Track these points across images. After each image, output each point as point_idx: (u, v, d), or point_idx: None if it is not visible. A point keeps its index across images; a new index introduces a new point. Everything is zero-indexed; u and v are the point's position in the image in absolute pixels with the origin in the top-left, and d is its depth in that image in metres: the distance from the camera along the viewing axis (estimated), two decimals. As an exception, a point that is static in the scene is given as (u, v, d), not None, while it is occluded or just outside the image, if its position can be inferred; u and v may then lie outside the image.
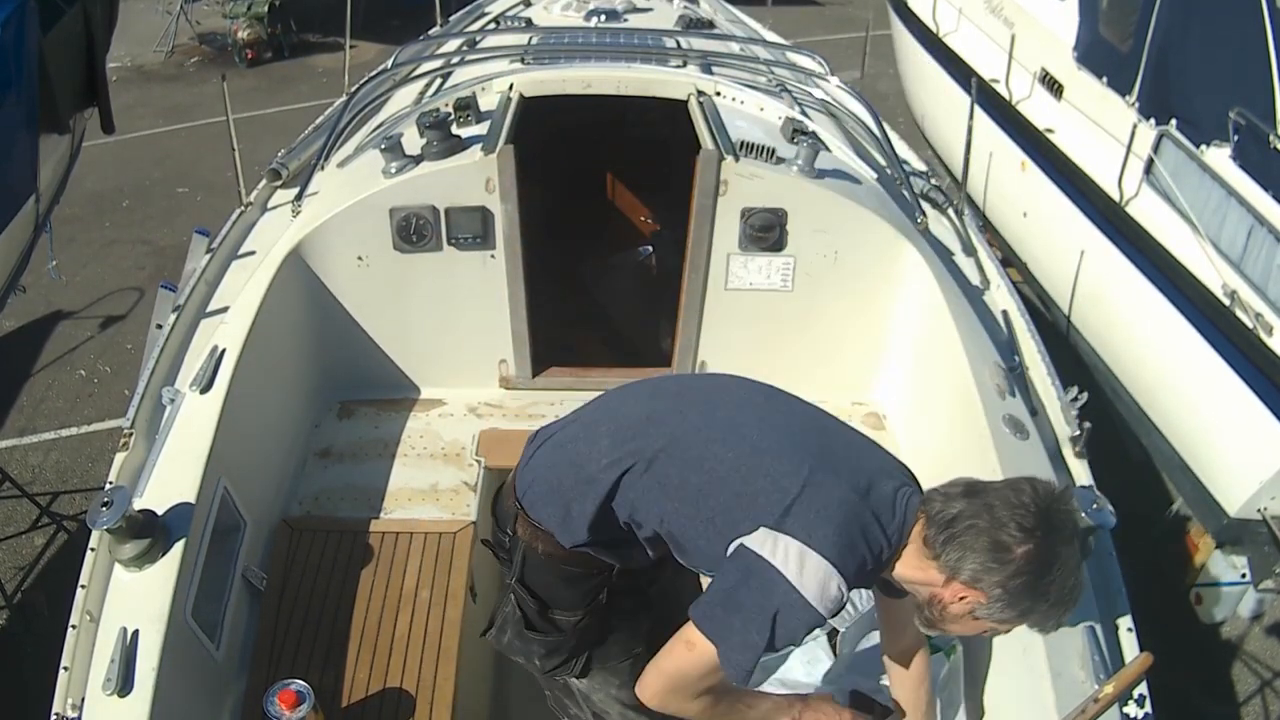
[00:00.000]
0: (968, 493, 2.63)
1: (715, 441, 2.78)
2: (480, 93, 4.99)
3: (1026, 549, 2.46)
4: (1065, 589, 2.52)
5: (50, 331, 8.85)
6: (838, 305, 4.67)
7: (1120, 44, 6.84)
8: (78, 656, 3.11)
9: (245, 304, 4.27)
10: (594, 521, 2.84)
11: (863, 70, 9.71)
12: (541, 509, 2.94)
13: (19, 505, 6.65)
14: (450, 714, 3.51)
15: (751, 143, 4.42)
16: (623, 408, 3.01)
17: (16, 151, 5.46)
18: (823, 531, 2.55)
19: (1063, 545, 2.50)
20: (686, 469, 2.76)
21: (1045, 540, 2.47)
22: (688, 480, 2.75)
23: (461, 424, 4.75)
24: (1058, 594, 2.52)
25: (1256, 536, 5.57)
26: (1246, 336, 5.35)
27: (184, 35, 16.73)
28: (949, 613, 2.64)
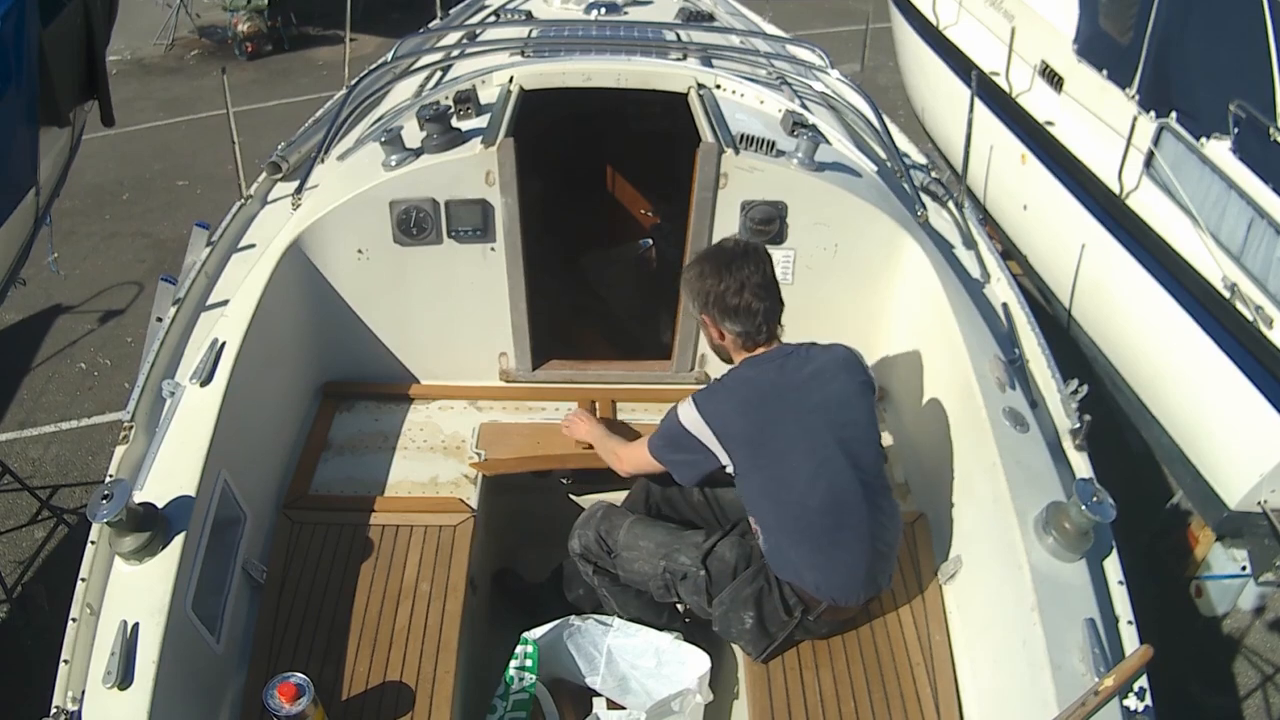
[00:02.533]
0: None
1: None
2: (480, 86, 4.99)
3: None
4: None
5: (50, 324, 8.85)
6: (838, 298, 4.67)
7: (1120, 36, 6.84)
8: (78, 649, 3.12)
9: (245, 297, 4.27)
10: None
11: (863, 63, 9.73)
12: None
13: (19, 498, 6.66)
14: (450, 707, 3.52)
15: (751, 135, 4.42)
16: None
17: (16, 144, 5.45)
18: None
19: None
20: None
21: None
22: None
23: (462, 417, 4.75)
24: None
25: (1256, 529, 5.58)
26: (1247, 329, 5.35)
27: (184, 28, 16.72)
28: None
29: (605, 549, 4.00)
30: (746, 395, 3.62)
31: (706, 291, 3.64)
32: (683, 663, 3.94)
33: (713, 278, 3.62)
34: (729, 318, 3.62)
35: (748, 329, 3.64)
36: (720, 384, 3.72)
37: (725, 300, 3.59)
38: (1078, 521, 3.35)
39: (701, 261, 3.70)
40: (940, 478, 4.11)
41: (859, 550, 3.59)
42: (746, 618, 3.70)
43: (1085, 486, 3.40)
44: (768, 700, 3.64)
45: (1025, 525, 3.46)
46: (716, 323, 3.68)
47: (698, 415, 3.63)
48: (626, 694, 4.02)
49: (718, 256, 3.67)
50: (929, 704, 3.59)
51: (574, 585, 4.44)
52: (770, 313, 3.65)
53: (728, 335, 3.70)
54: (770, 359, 3.68)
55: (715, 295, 3.61)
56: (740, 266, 3.60)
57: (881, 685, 3.67)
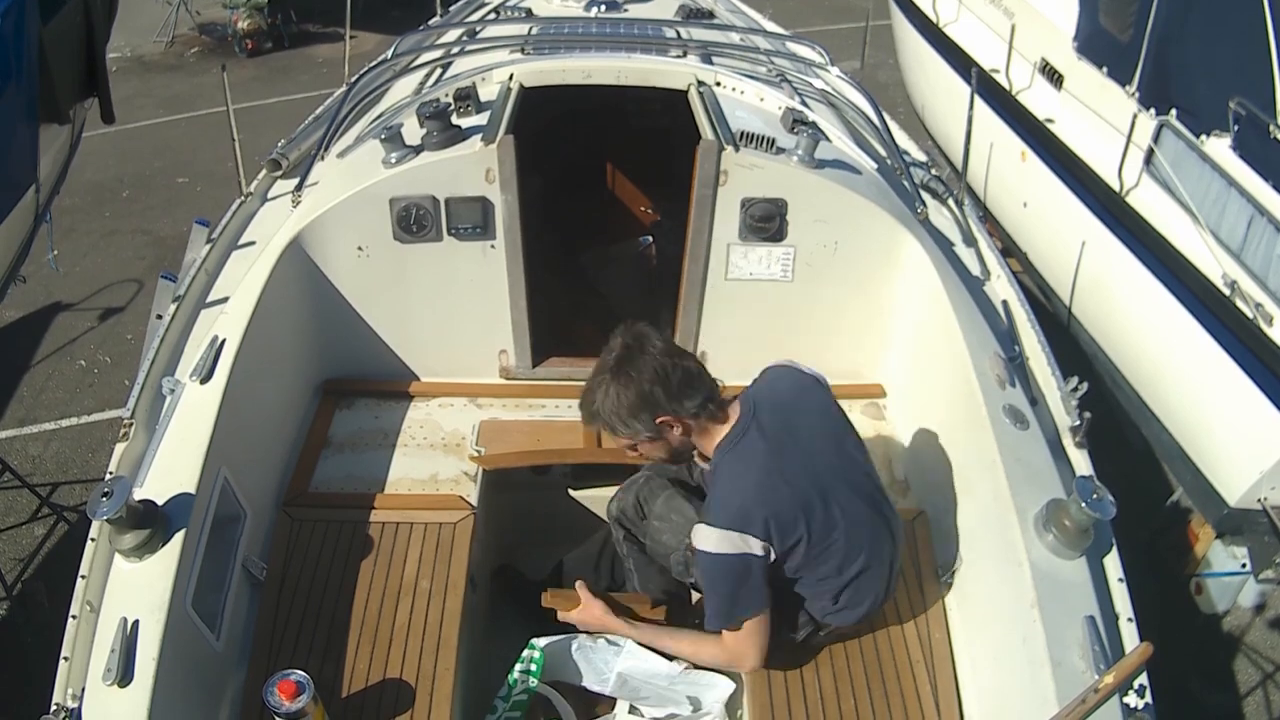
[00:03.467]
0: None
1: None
2: (480, 83, 4.99)
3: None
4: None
5: (50, 322, 8.86)
6: (838, 296, 4.67)
7: (1120, 34, 6.84)
8: (78, 647, 3.12)
9: (245, 294, 4.27)
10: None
11: (863, 60, 9.73)
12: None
13: (19, 496, 6.67)
14: (450, 704, 3.52)
15: (751, 133, 4.42)
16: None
17: (16, 142, 5.46)
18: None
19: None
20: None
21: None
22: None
23: (461, 414, 4.75)
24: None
25: (1257, 526, 5.58)
26: (1247, 326, 5.35)
27: (184, 25, 16.70)
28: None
29: (640, 514, 3.98)
30: (756, 482, 3.34)
31: (645, 394, 3.32)
32: (697, 683, 3.94)
33: (636, 380, 3.32)
34: (685, 396, 3.33)
35: (709, 393, 3.39)
36: (719, 493, 3.40)
37: (667, 383, 3.31)
38: (1078, 519, 3.35)
39: (603, 384, 3.38)
40: (940, 475, 4.10)
41: (879, 578, 3.58)
42: None
43: (1085, 484, 3.40)
44: (767, 697, 3.63)
45: (1025, 523, 3.46)
46: (676, 416, 3.35)
47: (723, 533, 3.28)
48: (639, 703, 4.02)
49: (617, 365, 3.37)
50: (929, 701, 3.59)
51: (575, 581, 4.44)
52: (698, 365, 3.43)
53: (693, 422, 3.40)
54: (741, 428, 3.42)
55: (653, 389, 3.31)
56: (641, 350, 3.34)
57: (881, 683, 3.67)
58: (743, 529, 3.27)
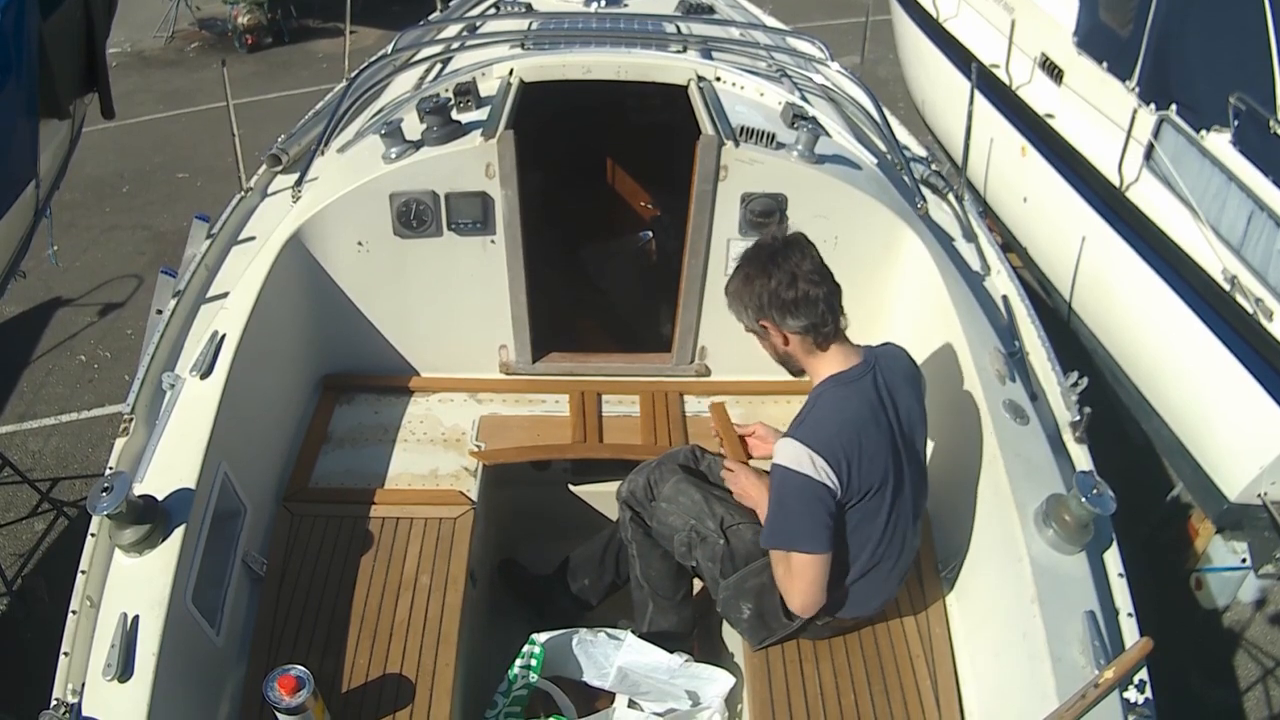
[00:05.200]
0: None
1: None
2: (480, 78, 4.98)
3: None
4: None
5: (50, 317, 8.86)
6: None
7: (1120, 29, 6.83)
8: (78, 642, 3.12)
9: (245, 289, 4.27)
10: None
11: (863, 55, 9.70)
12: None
13: (19, 491, 6.68)
14: (450, 699, 3.52)
15: (751, 128, 4.41)
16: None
17: (17, 137, 5.46)
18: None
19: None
20: None
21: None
22: None
23: (462, 409, 4.75)
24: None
25: (1256, 521, 5.59)
26: (1247, 321, 5.35)
27: (184, 20, 16.68)
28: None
29: (650, 496, 3.99)
30: (854, 422, 3.37)
31: (757, 294, 3.40)
32: (697, 676, 3.94)
33: (760, 278, 3.39)
34: (789, 314, 3.36)
35: (812, 320, 3.37)
36: (819, 414, 3.42)
37: (780, 296, 3.35)
38: (1078, 514, 3.35)
39: (743, 265, 3.49)
40: (940, 470, 4.10)
41: (894, 575, 3.62)
42: (745, 608, 3.73)
43: (1085, 479, 3.40)
44: (767, 693, 3.64)
45: (1025, 518, 3.46)
46: (777, 325, 3.41)
47: (809, 453, 3.30)
48: (638, 698, 4.02)
49: (759, 255, 3.44)
50: (929, 696, 3.59)
51: (579, 576, 4.46)
52: (831, 299, 3.39)
53: (793, 338, 3.44)
54: (858, 375, 3.45)
55: (768, 294, 3.37)
56: (786, 258, 3.37)
57: (881, 678, 3.67)
58: (825, 454, 3.30)
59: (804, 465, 3.30)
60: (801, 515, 3.37)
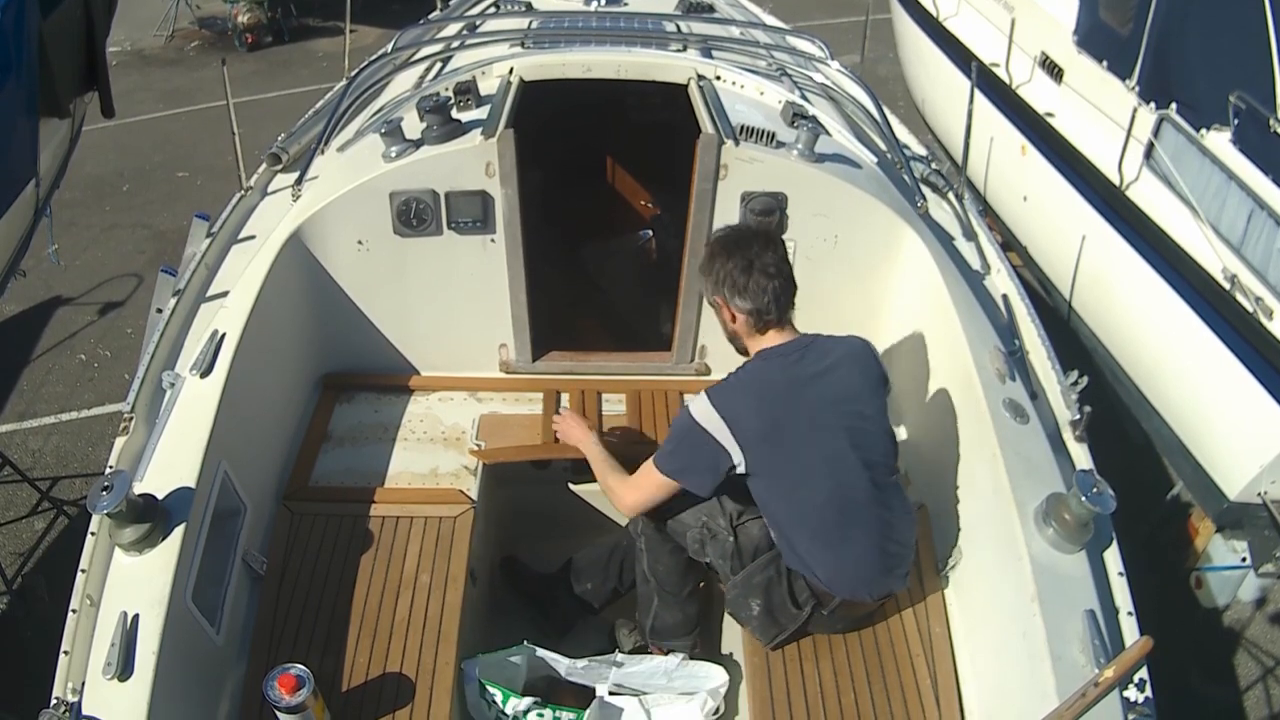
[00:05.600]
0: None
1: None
2: (480, 77, 4.98)
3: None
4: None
5: (50, 316, 8.86)
6: (838, 289, 4.66)
7: (1120, 28, 6.83)
8: (78, 641, 3.12)
9: (245, 288, 4.27)
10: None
11: (863, 54, 9.68)
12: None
13: (19, 490, 6.67)
14: (450, 698, 3.53)
15: (751, 127, 4.41)
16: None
17: (17, 136, 5.45)
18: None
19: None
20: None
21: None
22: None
23: (462, 408, 4.75)
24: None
25: (1257, 520, 5.59)
26: (1247, 320, 5.35)
27: (184, 19, 16.68)
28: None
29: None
30: (761, 390, 3.59)
31: (716, 271, 3.65)
32: (694, 675, 3.95)
33: (722, 256, 3.65)
34: (738, 295, 3.60)
35: (757, 306, 3.59)
36: (735, 378, 3.65)
37: (734, 277, 3.59)
38: (1078, 513, 3.35)
39: (713, 244, 3.75)
40: (940, 469, 4.11)
41: (869, 548, 3.59)
42: (754, 604, 3.73)
43: (1085, 478, 3.40)
44: (768, 691, 3.64)
45: (1025, 516, 3.46)
46: (727, 302, 3.65)
47: (711, 409, 3.54)
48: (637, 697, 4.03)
49: (729, 237, 3.72)
50: (929, 695, 3.59)
51: (584, 579, 4.46)
52: (781, 292, 3.60)
53: (739, 316, 3.65)
54: (785, 351, 3.64)
55: (725, 273, 3.62)
56: (749, 245, 3.63)
57: (881, 676, 3.68)
58: (723, 412, 3.54)
59: (706, 419, 3.55)
60: (691, 455, 3.63)
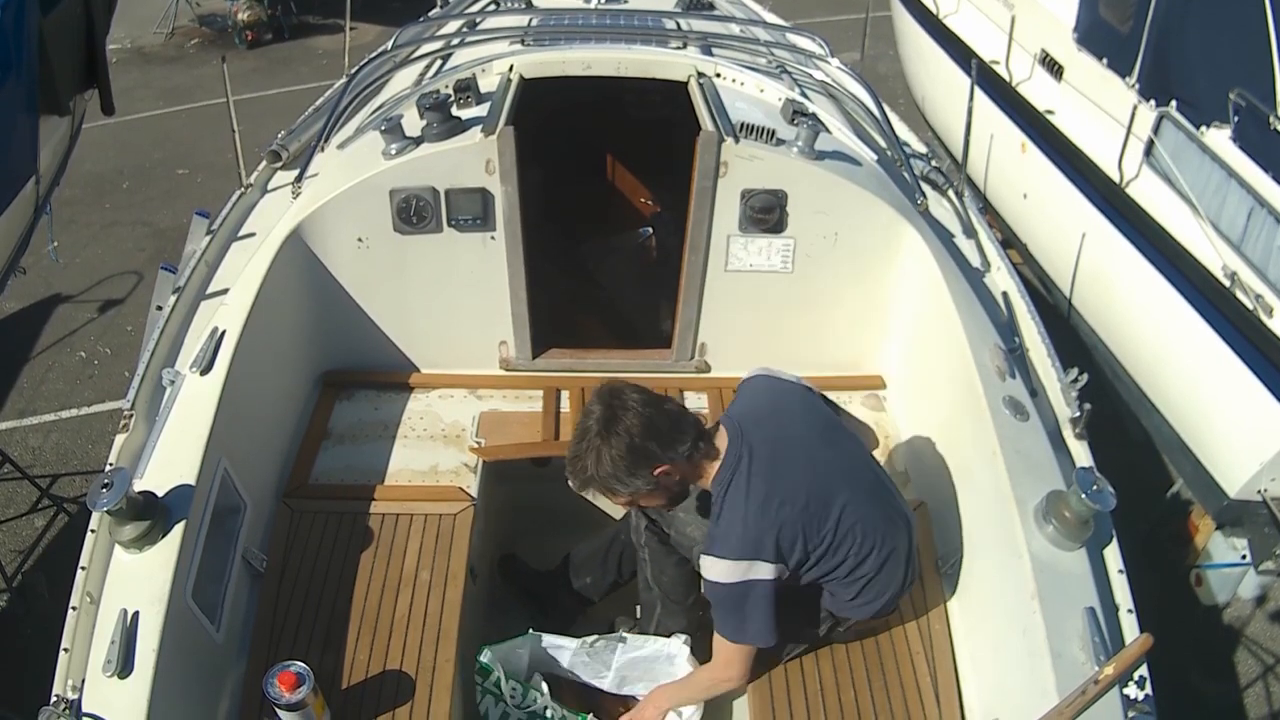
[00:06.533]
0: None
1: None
2: (480, 74, 4.98)
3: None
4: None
5: (50, 313, 8.86)
6: (838, 287, 4.67)
7: (1120, 25, 6.82)
8: (78, 638, 3.12)
9: (245, 285, 4.27)
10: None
11: (863, 52, 9.69)
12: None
13: (19, 487, 6.67)
14: (450, 695, 3.53)
15: (751, 124, 4.41)
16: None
17: (16, 133, 5.46)
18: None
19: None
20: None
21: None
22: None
23: (462, 405, 4.75)
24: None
25: (1257, 518, 5.59)
26: (1247, 318, 5.35)
27: (184, 17, 16.66)
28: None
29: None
30: (759, 504, 3.32)
31: (635, 450, 3.25)
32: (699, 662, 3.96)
33: (620, 438, 3.25)
34: (676, 442, 3.28)
35: (697, 432, 3.36)
36: (725, 521, 3.35)
37: (660, 434, 3.27)
38: (1078, 510, 3.35)
39: (596, 449, 3.28)
40: (940, 466, 4.11)
41: (898, 567, 3.57)
42: None
43: (1085, 475, 3.40)
44: (768, 689, 3.65)
45: (1025, 514, 3.47)
46: (673, 463, 3.31)
47: (729, 562, 3.30)
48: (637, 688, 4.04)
49: (601, 428, 3.27)
50: (929, 692, 3.60)
51: (582, 574, 4.46)
52: (679, 406, 3.44)
53: (687, 464, 3.37)
54: (734, 457, 3.39)
55: (642, 445, 3.25)
56: (620, 411, 3.27)
57: (881, 674, 3.68)
58: (752, 556, 3.29)
59: (732, 576, 3.31)
60: (745, 612, 3.37)
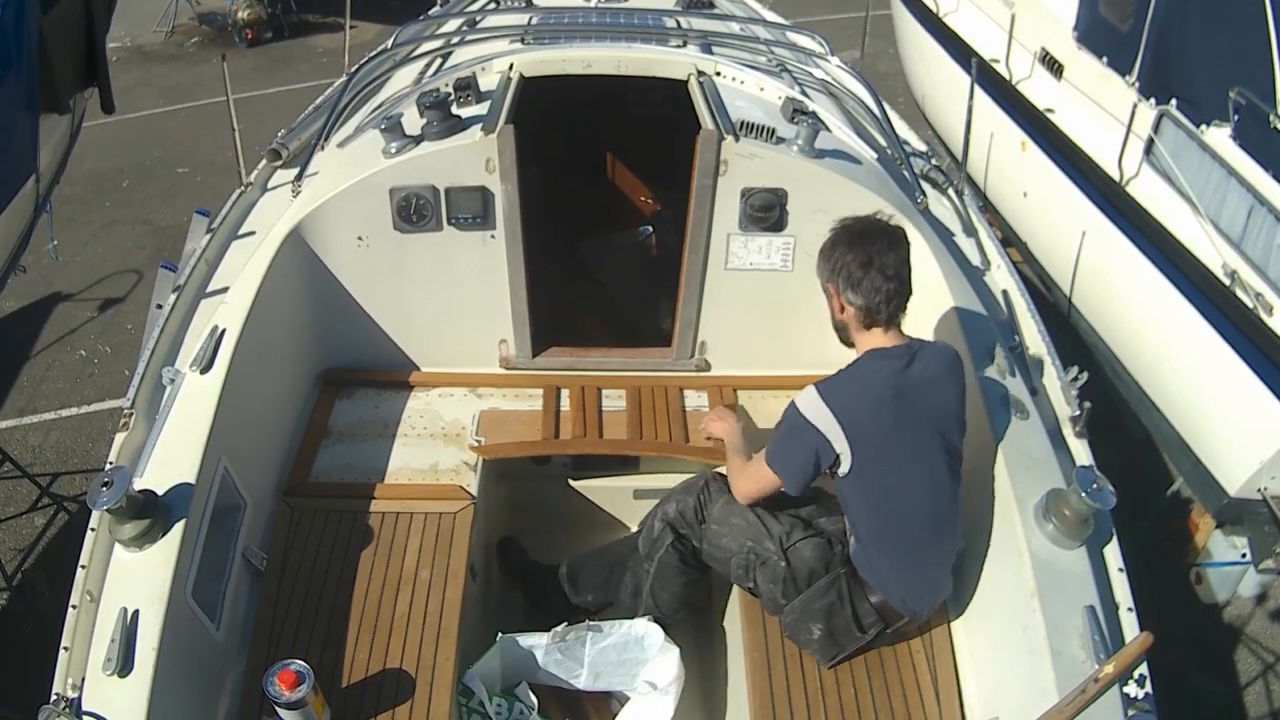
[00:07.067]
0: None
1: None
2: (480, 73, 4.97)
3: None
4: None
5: (50, 312, 8.86)
6: (838, 285, 4.66)
7: (1120, 23, 6.82)
8: (78, 636, 3.12)
9: (245, 284, 4.27)
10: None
11: (863, 50, 9.69)
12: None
13: (19, 485, 6.67)
14: (450, 694, 3.52)
15: (751, 123, 4.40)
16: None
17: (17, 132, 5.46)
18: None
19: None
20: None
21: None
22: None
23: (461, 404, 4.75)
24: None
25: (1257, 516, 5.59)
26: (1247, 316, 5.35)
27: (184, 15, 16.67)
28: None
29: (699, 518, 3.97)
30: (877, 391, 3.49)
31: (835, 259, 3.61)
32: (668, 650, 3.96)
33: (844, 246, 3.60)
34: (852, 288, 3.55)
35: (869, 304, 3.53)
36: (846, 373, 3.57)
37: (851, 271, 3.54)
38: (1078, 508, 3.35)
39: (837, 232, 3.68)
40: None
41: (942, 564, 3.61)
42: (815, 629, 3.68)
43: (1085, 473, 3.40)
44: (768, 687, 3.64)
45: (1025, 512, 3.47)
46: (840, 293, 3.60)
47: (822, 404, 3.46)
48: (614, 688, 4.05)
49: (854, 228, 3.65)
50: (929, 691, 3.59)
51: (582, 590, 4.45)
52: (894, 295, 3.54)
53: (848, 309, 3.60)
54: (896, 355, 3.55)
55: (843, 264, 3.57)
56: (873, 242, 3.57)
57: (881, 672, 3.68)
58: (835, 409, 3.45)
59: (812, 413, 3.48)
60: (792, 451, 3.59)
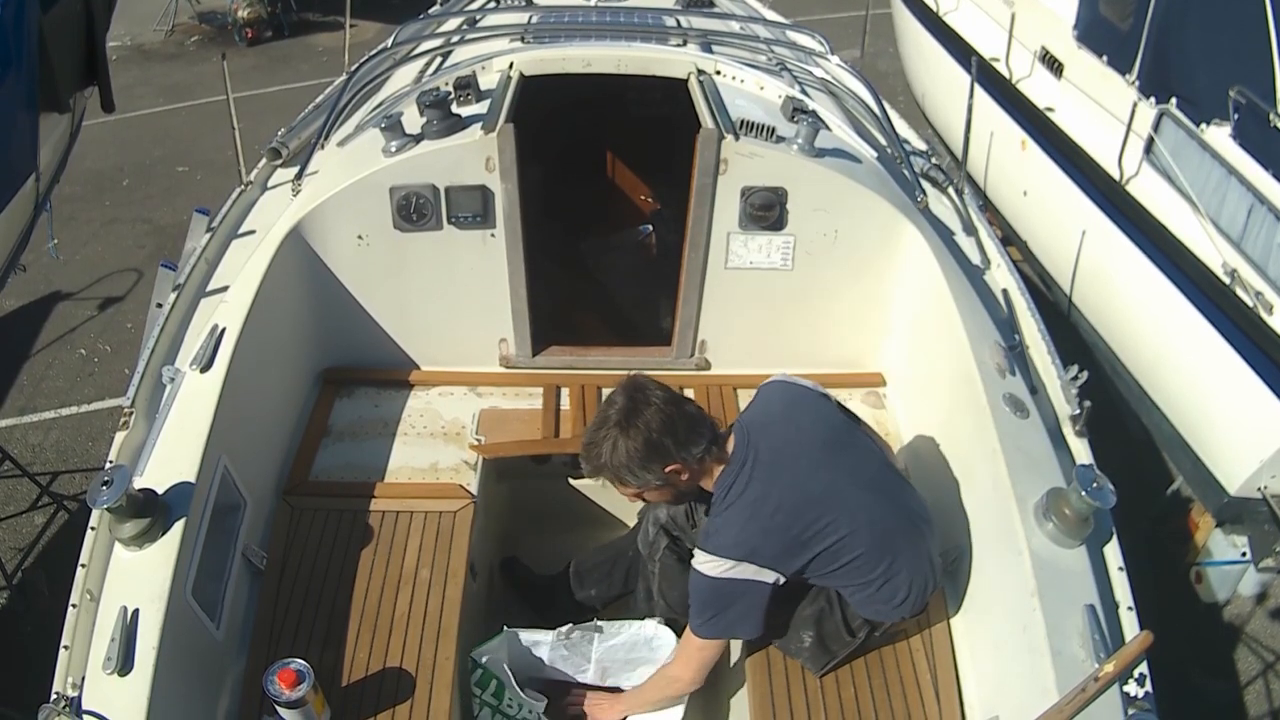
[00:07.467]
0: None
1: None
2: (480, 72, 4.97)
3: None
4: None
5: (50, 310, 8.86)
6: (838, 284, 4.66)
7: (1120, 22, 6.82)
8: (78, 635, 3.12)
9: (245, 283, 4.26)
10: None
11: (863, 49, 9.70)
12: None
13: (19, 484, 6.67)
14: (450, 693, 3.52)
15: (752, 121, 4.40)
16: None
17: (17, 130, 5.46)
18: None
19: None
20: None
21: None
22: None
23: (461, 403, 4.75)
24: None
25: (1257, 515, 5.59)
26: (1247, 315, 5.35)
27: (184, 14, 16.69)
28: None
29: (691, 521, 3.97)
30: (753, 511, 3.34)
31: (651, 445, 3.29)
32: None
33: (639, 431, 3.29)
34: (691, 444, 3.32)
35: (712, 436, 3.39)
36: (722, 519, 3.38)
37: (676, 434, 3.30)
38: (1078, 508, 3.35)
39: (614, 438, 3.33)
40: (940, 464, 4.11)
41: (919, 563, 3.55)
42: (805, 637, 3.65)
43: (1085, 472, 3.40)
44: (768, 686, 3.64)
45: (1025, 511, 3.46)
46: (684, 463, 3.33)
47: (719, 559, 3.31)
48: (620, 678, 4.05)
49: (621, 419, 3.33)
50: (929, 690, 3.59)
51: (587, 585, 4.45)
52: (697, 408, 3.44)
53: (698, 466, 3.39)
54: (740, 467, 3.40)
55: (659, 441, 3.29)
56: (641, 406, 3.31)
57: (881, 672, 3.68)
58: (741, 558, 3.30)
59: (721, 571, 3.33)
60: (717, 612, 3.44)
